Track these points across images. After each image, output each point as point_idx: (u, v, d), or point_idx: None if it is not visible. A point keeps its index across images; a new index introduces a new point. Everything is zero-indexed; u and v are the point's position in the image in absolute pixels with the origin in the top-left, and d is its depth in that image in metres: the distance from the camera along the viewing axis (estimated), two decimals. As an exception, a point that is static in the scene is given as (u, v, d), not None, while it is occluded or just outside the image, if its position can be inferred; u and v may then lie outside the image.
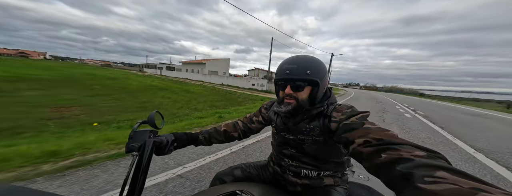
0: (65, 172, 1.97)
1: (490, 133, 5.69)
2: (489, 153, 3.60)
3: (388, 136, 0.46)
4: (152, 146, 0.62)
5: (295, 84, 0.66)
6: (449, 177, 0.29)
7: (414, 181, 0.31)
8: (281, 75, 0.68)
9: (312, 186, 0.77)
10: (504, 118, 10.12)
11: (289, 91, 0.67)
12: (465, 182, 0.28)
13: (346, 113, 0.63)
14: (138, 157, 0.58)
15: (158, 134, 0.74)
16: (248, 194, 0.63)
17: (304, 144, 0.74)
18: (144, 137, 0.64)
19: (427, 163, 0.33)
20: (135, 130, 0.66)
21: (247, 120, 0.96)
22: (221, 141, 0.92)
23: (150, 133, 0.67)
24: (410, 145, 0.41)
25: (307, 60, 0.67)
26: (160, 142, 0.69)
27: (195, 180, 1.97)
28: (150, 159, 0.60)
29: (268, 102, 0.95)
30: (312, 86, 0.67)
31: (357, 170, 1.04)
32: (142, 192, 0.56)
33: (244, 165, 0.94)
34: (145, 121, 0.69)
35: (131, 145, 0.62)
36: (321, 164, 0.76)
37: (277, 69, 0.72)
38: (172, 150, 0.76)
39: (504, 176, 2.63)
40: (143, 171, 0.57)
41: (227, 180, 0.87)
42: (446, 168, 0.31)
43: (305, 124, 0.72)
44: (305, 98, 0.68)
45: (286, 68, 0.66)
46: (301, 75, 0.65)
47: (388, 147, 0.41)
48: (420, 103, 18.28)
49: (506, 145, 4.25)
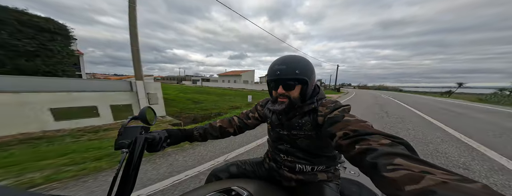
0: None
1: (414, 100, 15.46)
2: (411, 105, 11.79)
3: (363, 127, 0.49)
4: (144, 142, 0.60)
5: (286, 84, 0.70)
6: (404, 163, 0.33)
7: (380, 170, 0.34)
8: (272, 76, 0.71)
9: (306, 181, 0.78)
10: (426, 98, 21.11)
11: (281, 90, 0.71)
12: (416, 166, 0.31)
13: (330, 107, 0.67)
14: (129, 154, 0.57)
15: (150, 131, 0.70)
16: (243, 190, 0.63)
17: (298, 139, 0.77)
18: (135, 134, 0.62)
19: (388, 152, 0.36)
20: (125, 126, 0.63)
21: (243, 116, 0.97)
22: (216, 137, 0.91)
23: (141, 129, 0.65)
24: (379, 135, 0.44)
25: (295, 60, 0.70)
26: (152, 139, 0.66)
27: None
28: (141, 156, 0.58)
29: (264, 100, 0.97)
30: (301, 85, 0.71)
31: (349, 166, 1.07)
32: (133, 190, 0.54)
33: (240, 161, 0.96)
34: (136, 117, 0.66)
35: (120, 141, 0.59)
36: (314, 158, 0.78)
37: (268, 71, 0.74)
38: (165, 146, 0.74)
39: (409, 108, 10.89)
40: (134, 168, 0.55)
41: (223, 177, 0.87)
42: (402, 155, 0.35)
43: (297, 120, 0.75)
44: (296, 96, 0.71)
45: (276, 69, 0.69)
46: (291, 75, 0.67)
47: (361, 138, 0.44)
48: (395, 94, 32.56)
49: (415, 101, 13.82)
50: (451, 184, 0.25)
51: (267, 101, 0.95)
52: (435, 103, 12.92)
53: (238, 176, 0.89)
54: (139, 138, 0.60)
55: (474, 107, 10.94)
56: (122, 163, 0.55)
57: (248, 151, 2.73)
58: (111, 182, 0.51)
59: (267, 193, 0.70)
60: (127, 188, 0.53)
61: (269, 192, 0.71)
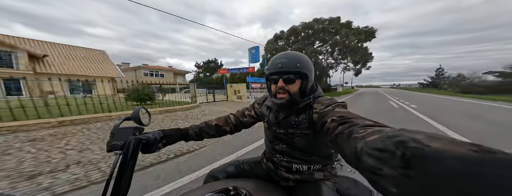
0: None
1: (395, 93, 28.42)
2: (391, 94, 23.67)
3: (350, 114, 0.50)
4: (138, 144, 0.58)
5: (287, 77, 0.69)
6: (375, 127, 0.35)
7: (353, 133, 0.35)
8: (274, 68, 0.70)
9: (303, 180, 0.78)
10: (408, 92, 35.70)
11: (281, 84, 0.70)
12: (379, 128, 0.33)
13: (325, 104, 0.66)
14: (122, 156, 0.54)
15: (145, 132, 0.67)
16: (241, 190, 0.62)
17: (294, 138, 0.75)
18: (128, 135, 0.59)
19: (365, 124, 0.38)
20: (117, 128, 0.61)
21: (239, 114, 0.96)
22: (212, 135, 0.90)
23: (134, 130, 0.62)
24: (364, 119, 0.44)
25: (295, 55, 0.70)
26: (146, 139, 0.64)
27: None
28: (135, 158, 0.57)
29: (262, 97, 0.96)
30: (301, 79, 0.70)
31: (345, 164, 1.07)
32: (127, 193, 0.53)
33: (238, 161, 0.94)
34: (129, 117, 0.65)
35: (113, 143, 0.57)
36: (310, 158, 0.77)
37: (269, 64, 0.73)
38: (160, 147, 0.72)
39: (382, 93, 24.69)
40: (129, 170, 0.54)
41: (221, 177, 0.86)
42: (375, 125, 0.36)
43: (294, 118, 0.74)
44: (296, 90, 0.71)
45: (278, 62, 0.69)
46: (292, 67, 0.67)
47: (345, 120, 0.45)
48: (384, 90, 49.99)
49: (391, 92, 27.56)
50: (403, 129, 0.28)
51: (265, 98, 0.93)
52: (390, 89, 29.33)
53: (236, 176, 0.88)
54: (133, 139, 0.57)
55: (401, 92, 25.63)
56: (115, 165, 0.54)
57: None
58: (105, 185, 0.50)
59: (265, 192, 0.70)
60: (121, 191, 0.52)
61: (267, 191, 0.71)
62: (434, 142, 0.20)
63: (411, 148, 0.21)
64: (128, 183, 0.54)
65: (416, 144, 0.21)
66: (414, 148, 0.21)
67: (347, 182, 0.88)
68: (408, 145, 0.21)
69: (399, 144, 0.22)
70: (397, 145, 0.22)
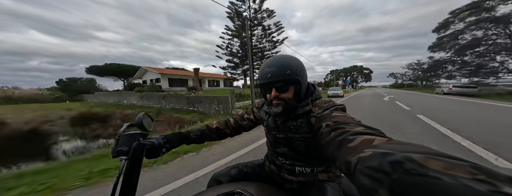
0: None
1: (394, 93, 35.25)
2: (388, 94, 28.92)
3: (346, 119, 0.50)
4: (142, 149, 0.60)
5: (279, 86, 0.67)
6: (365, 135, 0.35)
7: (345, 143, 0.35)
8: (264, 79, 0.68)
9: (307, 182, 0.77)
10: (400, 91, 41.63)
11: (275, 93, 0.68)
12: (370, 137, 0.34)
13: (323, 107, 0.65)
14: (128, 161, 0.56)
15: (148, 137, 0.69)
16: (246, 193, 0.61)
17: (295, 142, 0.74)
18: (132, 141, 0.61)
19: (356, 131, 0.38)
20: (121, 134, 0.62)
21: (238, 118, 0.97)
22: (214, 138, 0.91)
23: (138, 136, 0.64)
24: (356, 124, 0.44)
25: (284, 60, 0.68)
26: (151, 145, 0.65)
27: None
28: (140, 163, 0.58)
29: (260, 102, 0.95)
30: (294, 85, 0.69)
31: None
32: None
33: (241, 165, 0.93)
34: (133, 124, 0.66)
35: (118, 149, 0.58)
36: (313, 160, 0.76)
37: (259, 74, 0.72)
38: (164, 152, 0.73)
39: (379, 92, 30.93)
40: (134, 175, 0.55)
41: (224, 181, 0.85)
42: (365, 133, 0.37)
43: (292, 122, 0.73)
44: (291, 97, 0.69)
45: (267, 72, 0.67)
46: (282, 76, 0.65)
47: (339, 126, 0.45)
48: (383, 89, 60.47)
49: (388, 92, 34.09)
50: (394, 141, 0.31)
51: (264, 103, 0.90)
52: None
53: (240, 179, 0.86)
54: (138, 145, 0.59)
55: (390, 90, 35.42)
56: (121, 170, 0.54)
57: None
58: (112, 190, 0.51)
59: (270, 195, 0.70)
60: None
61: (271, 195, 0.70)
62: (431, 163, 0.20)
63: (408, 171, 0.20)
64: (135, 188, 0.55)
65: (413, 165, 0.20)
66: (412, 172, 0.20)
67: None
68: (405, 167, 0.21)
69: (395, 165, 0.22)
70: (393, 166, 0.22)
